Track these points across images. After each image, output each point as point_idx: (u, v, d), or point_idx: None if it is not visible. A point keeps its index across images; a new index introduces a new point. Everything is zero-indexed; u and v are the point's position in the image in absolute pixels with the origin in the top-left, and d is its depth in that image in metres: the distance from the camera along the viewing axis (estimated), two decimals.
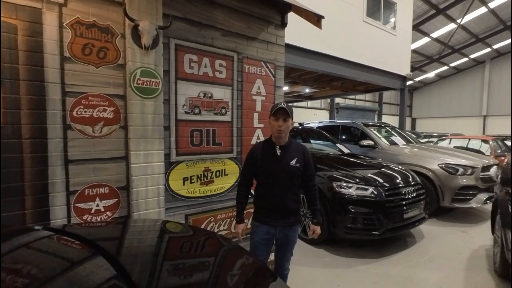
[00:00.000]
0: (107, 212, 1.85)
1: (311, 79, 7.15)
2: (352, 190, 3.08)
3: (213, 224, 2.39)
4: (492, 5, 12.22)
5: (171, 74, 2.08)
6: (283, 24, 2.71)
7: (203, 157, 2.28)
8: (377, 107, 19.22)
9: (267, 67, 2.64)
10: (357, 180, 3.17)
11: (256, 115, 2.60)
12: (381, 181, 3.24)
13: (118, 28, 1.82)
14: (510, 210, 2.26)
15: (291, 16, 2.69)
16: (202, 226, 2.32)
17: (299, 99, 11.35)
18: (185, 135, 2.18)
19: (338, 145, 4.89)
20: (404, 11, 7.53)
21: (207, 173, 2.32)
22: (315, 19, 2.40)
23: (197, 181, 2.27)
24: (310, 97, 10.71)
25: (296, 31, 5.12)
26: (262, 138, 2.63)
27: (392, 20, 7.29)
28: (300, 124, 5.65)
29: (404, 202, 3.15)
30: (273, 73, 2.69)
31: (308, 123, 7.05)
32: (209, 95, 2.29)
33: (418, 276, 2.68)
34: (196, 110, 2.22)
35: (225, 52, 2.35)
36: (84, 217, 1.78)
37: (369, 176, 3.29)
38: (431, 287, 2.50)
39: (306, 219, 3.41)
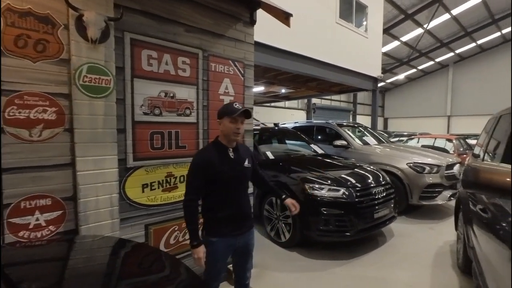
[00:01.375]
0: (50, 227, 1.63)
1: (286, 80, 7.14)
2: (324, 192, 3.05)
3: (178, 233, 2.23)
4: (454, 12, 13.04)
5: (127, 71, 1.89)
6: (252, 22, 2.61)
7: (165, 161, 2.11)
8: (351, 108, 19.84)
9: (236, 66, 2.52)
10: (329, 181, 3.15)
11: None
12: (353, 181, 3.25)
13: (61, 18, 1.61)
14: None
15: (265, 15, 2.58)
16: (166, 236, 2.15)
17: (276, 100, 11.36)
18: (144, 138, 2.00)
19: (312, 145, 4.89)
20: (375, 15, 7.76)
21: (170, 179, 2.15)
22: (284, 17, 2.32)
23: (159, 188, 2.10)
24: (287, 98, 10.75)
25: (271, 30, 5.05)
26: None
27: (364, 23, 7.48)
28: (275, 124, 5.60)
29: (375, 202, 3.18)
30: (242, 72, 2.58)
31: (284, 124, 7.04)
32: (171, 94, 2.12)
33: (390, 276, 2.70)
34: (157, 111, 2.05)
35: (189, 49, 2.19)
36: (21, 234, 1.55)
37: (341, 177, 3.29)
38: (402, 287, 2.53)
39: (279, 222, 3.34)
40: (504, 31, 16.14)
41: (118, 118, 1.83)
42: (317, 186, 3.10)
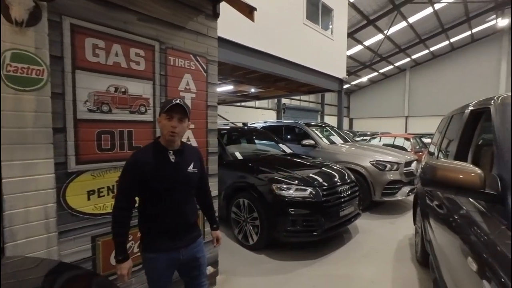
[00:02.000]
0: None
1: (256, 79, 7.08)
2: (291, 192, 3.01)
3: (133, 243, 2.02)
4: (410, 20, 14.07)
5: (66, 61, 1.64)
6: (215, 15, 2.47)
7: (116, 164, 1.89)
8: (320, 108, 20.49)
9: (198, 61, 2.36)
10: (297, 181, 3.12)
11: None
12: (321, 180, 3.26)
13: None
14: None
15: (233, 12, 2.44)
16: None
17: (246, 99, 11.28)
18: (90, 139, 1.77)
19: (280, 145, 4.88)
20: (340, 18, 8.03)
21: None
22: (248, 10, 2.22)
23: (109, 194, 1.87)
24: (256, 97, 10.72)
25: (240, 28, 4.94)
26: (192, 140, 2.35)
27: (330, 26, 7.70)
28: (244, 124, 5.50)
29: (341, 200, 3.22)
30: (205, 68, 2.43)
31: (253, 123, 6.98)
32: (123, 89, 1.90)
33: (354, 274, 2.74)
34: (105, 108, 1.82)
35: (143, 40, 1.99)
36: None
37: (309, 177, 3.28)
38: (366, 284, 2.57)
39: (247, 224, 3.24)
40: (452, 40, 17.84)
41: (56, 116, 1.58)
42: (284, 186, 3.06)
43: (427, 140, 9.77)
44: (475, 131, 1.90)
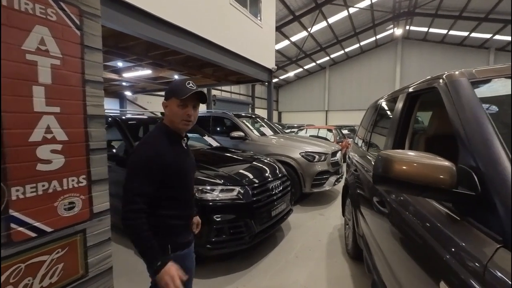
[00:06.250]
0: None
1: (177, 62, 6.19)
2: (216, 194, 2.48)
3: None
4: (330, 20, 15.20)
5: None
6: None
7: None
8: (250, 101, 20.55)
9: (62, 9, 1.54)
10: (223, 180, 2.61)
11: (40, 91, 1.46)
12: (251, 177, 2.84)
13: None
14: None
15: None
16: None
17: None
18: None
19: (206, 138, 4.27)
20: (268, 6, 7.81)
21: None
22: None
23: None
24: None
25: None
26: (57, 131, 1.53)
27: (258, 15, 7.38)
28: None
29: (273, 198, 2.87)
30: (78, 23, 1.62)
31: None
32: None
33: (287, 280, 2.42)
34: None
35: None
36: None
37: (237, 174, 2.81)
38: None
39: None
40: (361, 43, 20.30)
41: None
42: (208, 188, 2.50)
43: (345, 131, 10.72)
44: (411, 117, 1.74)
